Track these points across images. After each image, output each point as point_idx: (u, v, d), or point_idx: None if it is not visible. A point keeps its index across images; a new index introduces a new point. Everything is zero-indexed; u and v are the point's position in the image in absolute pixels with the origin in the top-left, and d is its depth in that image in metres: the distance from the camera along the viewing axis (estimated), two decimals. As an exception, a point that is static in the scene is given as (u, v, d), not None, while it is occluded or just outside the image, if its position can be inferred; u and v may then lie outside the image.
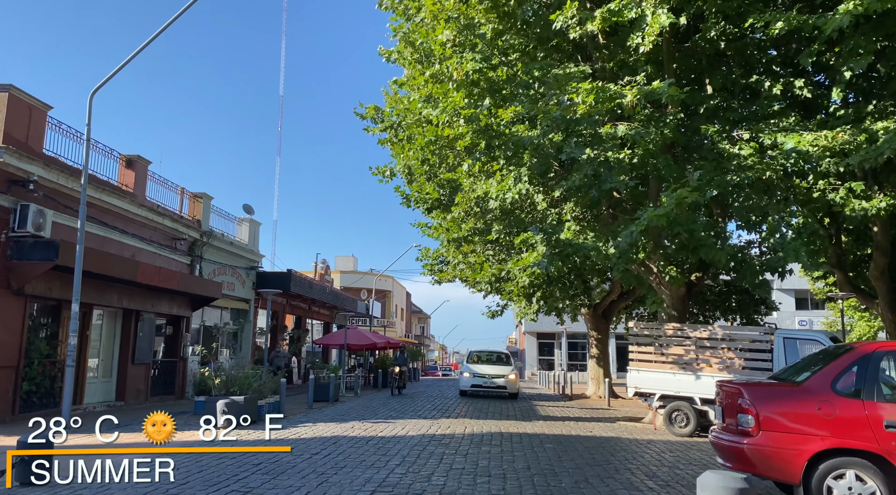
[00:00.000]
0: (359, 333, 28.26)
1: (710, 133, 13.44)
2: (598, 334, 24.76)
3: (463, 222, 15.22)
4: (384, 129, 16.86)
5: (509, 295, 20.23)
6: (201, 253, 22.24)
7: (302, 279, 28.53)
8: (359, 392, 23.86)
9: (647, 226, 11.59)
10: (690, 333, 13.82)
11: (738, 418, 6.71)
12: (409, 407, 18.34)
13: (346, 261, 57.48)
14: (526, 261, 13.19)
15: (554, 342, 51.29)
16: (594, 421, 15.68)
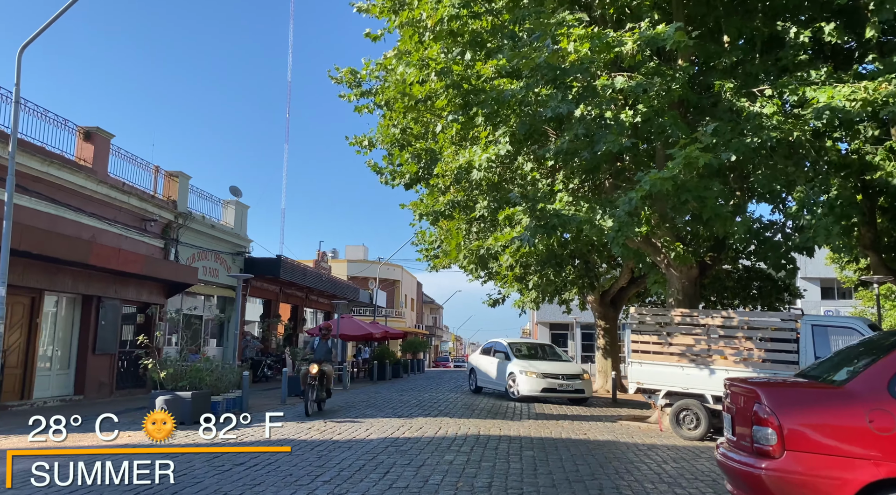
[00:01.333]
0: (353, 323, 26.54)
1: (726, 89, 11.37)
2: (605, 323, 22.73)
3: (442, 195, 13.33)
4: (361, 95, 14.98)
5: (501, 278, 18.29)
6: (177, 236, 20.60)
7: (294, 266, 26.86)
8: (348, 385, 22.12)
9: (649, 191, 9.61)
10: (701, 320, 11.80)
11: (754, 432, 4.77)
12: (391, 402, 16.55)
13: (356, 251, 55.87)
14: (507, 236, 11.30)
15: (567, 333, 49.25)
16: (592, 420, 13.75)
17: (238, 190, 25.27)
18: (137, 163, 19.04)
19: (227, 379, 13.90)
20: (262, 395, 17.90)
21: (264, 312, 28.09)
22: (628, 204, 9.83)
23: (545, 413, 15.00)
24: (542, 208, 10.61)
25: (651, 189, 9.58)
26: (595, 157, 11.07)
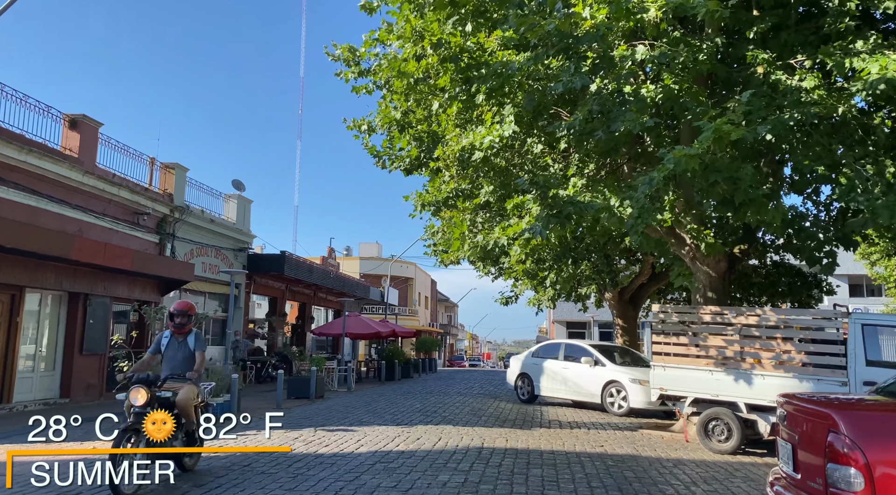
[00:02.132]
0: (360, 321, 25.42)
1: (760, 61, 10.02)
2: (624, 322, 21.36)
3: (444, 182, 12.08)
4: (359, 74, 13.79)
5: (511, 273, 16.96)
6: (173, 230, 19.58)
7: (300, 262, 25.79)
8: (352, 386, 20.99)
9: (673, 171, 8.31)
10: (733, 319, 10.45)
11: (830, 472, 3.50)
12: (394, 406, 15.37)
13: (369, 248, 54.85)
14: (516, 227, 10.06)
15: (584, 331, 47.83)
16: (610, 429, 12.46)
17: (241, 183, 24.27)
18: (130, 154, 18.04)
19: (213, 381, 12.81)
20: (260, 398, 16.81)
21: (270, 310, 27.08)
22: (649, 185, 8.53)
23: (558, 419, 13.73)
24: (555, 195, 9.34)
25: (675, 168, 8.27)
26: (612, 138, 9.79)
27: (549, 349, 17.23)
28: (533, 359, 17.06)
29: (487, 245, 10.59)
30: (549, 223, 9.07)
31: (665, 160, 8.32)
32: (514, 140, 10.51)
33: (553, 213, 9.17)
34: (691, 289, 12.23)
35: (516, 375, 17.46)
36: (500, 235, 10.15)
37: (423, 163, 13.19)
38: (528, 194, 9.54)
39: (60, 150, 15.29)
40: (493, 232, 10.93)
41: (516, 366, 17.65)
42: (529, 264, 14.90)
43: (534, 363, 16.88)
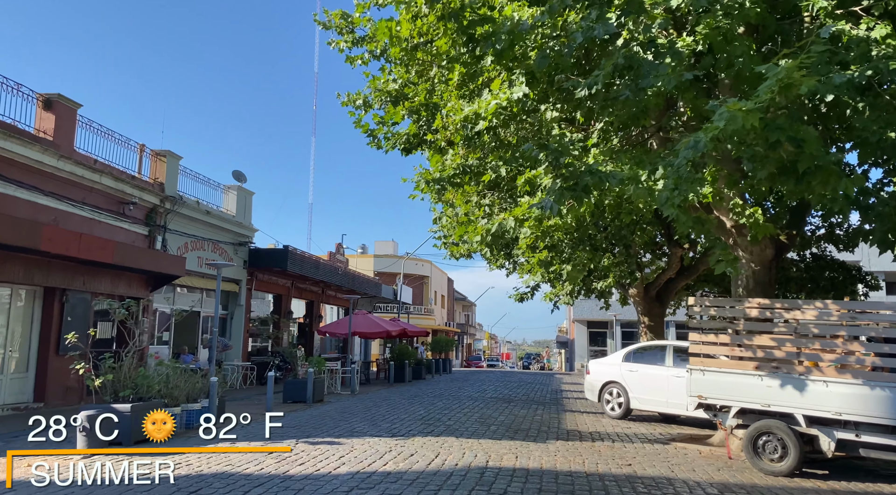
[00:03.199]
0: (368, 319, 23.89)
1: (819, 8, 8.28)
2: (650, 321, 19.58)
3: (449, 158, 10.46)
4: (354, 43, 12.24)
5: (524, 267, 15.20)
6: (165, 222, 18.20)
7: (305, 258, 24.33)
8: (356, 389, 19.46)
9: (725, 129, 6.61)
10: (787, 314, 8.71)
11: None
12: (394, 412, 13.80)
13: (385, 246, 53.38)
14: (525, 206, 8.45)
15: (606, 331, 45.91)
16: (637, 441, 10.76)
17: (242, 174, 22.87)
18: (115, 140, 16.67)
19: (188, 386, 11.36)
20: (254, 402, 15.34)
21: (275, 308, 25.67)
22: (694, 149, 6.83)
23: (577, 429, 12.05)
24: (570, 163, 7.69)
25: (728, 126, 6.58)
26: (640, 100, 8.14)
27: (650, 353, 13.94)
28: (627, 365, 13.83)
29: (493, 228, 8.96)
30: (563, 197, 7.42)
31: (715, 117, 6.62)
32: (525, 106, 8.86)
33: (568, 186, 7.51)
34: (734, 276, 10.48)
35: (602, 384, 14.26)
36: (507, 216, 8.53)
37: (422, 140, 11.59)
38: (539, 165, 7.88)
39: (33, 133, 13.94)
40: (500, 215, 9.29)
41: (601, 373, 14.47)
42: (544, 254, 13.18)
43: (629, 370, 13.69)
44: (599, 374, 14.56)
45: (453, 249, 19.62)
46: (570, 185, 7.65)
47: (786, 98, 6.74)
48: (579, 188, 7.57)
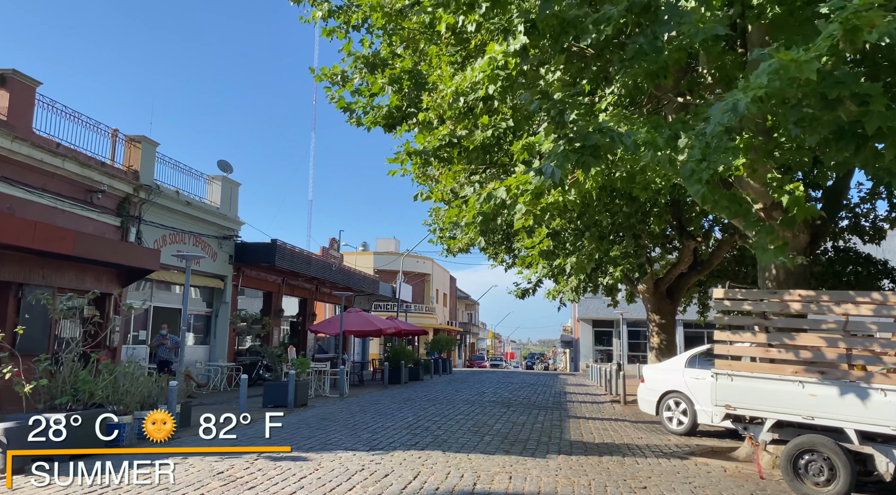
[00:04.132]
0: (360, 317, 22.50)
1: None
2: (660, 318, 18.11)
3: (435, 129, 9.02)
4: (330, 14, 10.83)
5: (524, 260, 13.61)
6: (139, 212, 16.86)
7: (295, 253, 22.94)
8: (345, 391, 18.07)
9: (771, 85, 5.17)
10: (836, 308, 7.25)
11: None
12: (379, 419, 12.40)
13: (386, 244, 52.02)
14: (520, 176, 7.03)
15: (612, 330, 44.39)
16: (651, 455, 9.32)
17: (228, 164, 21.51)
18: (83, 123, 15.32)
19: (142, 391, 9.98)
20: (228, 407, 13.96)
21: (264, 306, 24.30)
22: (732, 112, 5.38)
23: (582, 440, 10.61)
24: (576, 121, 6.27)
25: (775, 82, 5.13)
26: (660, 55, 6.72)
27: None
28: (692, 371, 11.63)
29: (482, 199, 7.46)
30: (566, 160, 5.99)
31: (759, 71, 5.17)
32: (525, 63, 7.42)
33: (573, 148, 6.09)
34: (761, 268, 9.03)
35: (661, 394, 12.06)
36: (498, 186, 7.09)
37: (406, 114, 10.16)
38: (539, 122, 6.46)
39: (-17, 111, 12.61)
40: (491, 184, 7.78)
41: (660, 381, 12.28)
42: (545, 243, 11.68)
43: (695, 377, 11.44)
44: (657, 382, 12.37)
45: (450, 243, 18.22)
46: (575, 148, 6.21)
47: (852, 45, 5.28)
48: (587, 151, 6.14)
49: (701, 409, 11.17)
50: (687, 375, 11.71)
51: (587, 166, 6.18)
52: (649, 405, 12.46)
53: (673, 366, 12.32)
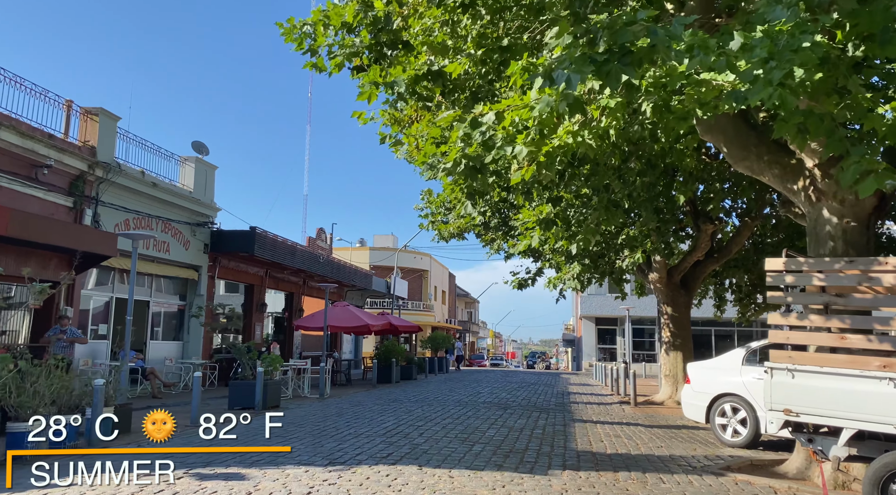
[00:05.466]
0: (347, 311, 20.67)
1: None
2: (673, 311, 16.27)
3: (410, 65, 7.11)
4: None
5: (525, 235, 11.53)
6: (96, 193, 15.04)
7: (277, 242, 21.10)
8: (326, 392, 16.22)
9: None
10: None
11: None
12: (353, 425, 10.57)
13: (384, 240, 50.21)
14: (517, 100, 5.18)
15: (616, 328, 42.50)
16: (680, 471, 7.45)
17: (203, 145, 19.67)
18: (29, 90, 13.51)
19: (53, 392, 8.15)
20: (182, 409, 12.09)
21: (246, 300, 22.45)
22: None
23: (591, 450, 8.73)
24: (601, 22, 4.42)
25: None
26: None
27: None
28: (752, 370, 9.32)
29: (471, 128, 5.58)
30: (586, 66, 4.16)
31: None
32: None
33: (595, 52, 4.24)
34: (813, 238, 7.15)
35: (713, 397, 9.79)
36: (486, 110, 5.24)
37: (383, 54, 8.26)
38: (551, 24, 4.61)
39: None
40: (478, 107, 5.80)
41: (710, 382, 10.04)
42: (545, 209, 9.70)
43: (756, 377, 8.83)
44: (708, 383, 10.07)
45: (441, 227, 16.43)
46: (598, 52, 4.35)
47: None
48: (614, 56, 4.28)
49: (765, 416, 8.97)
50: (746, 374, 9.41)
51: (614, 78, 4.31)
52: (697, 410, 10.14)
53: (728, 364, 10.00)
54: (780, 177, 7.99)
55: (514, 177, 5.65)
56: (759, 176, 8.35)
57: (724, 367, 9.96)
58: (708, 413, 9.81)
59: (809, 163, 7.45)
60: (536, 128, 5.08)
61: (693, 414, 10.24)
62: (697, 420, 10.16)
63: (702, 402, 9.92)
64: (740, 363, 9.67)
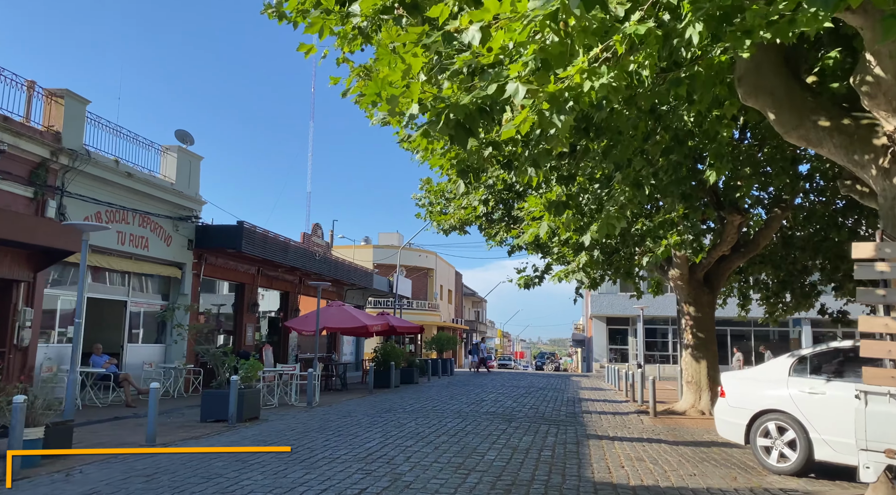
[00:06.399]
0: (343, 311, 19.19)
1: None
2: (696, 311, 14.66)
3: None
4: None
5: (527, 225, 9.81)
6: (62, 183, 13.64)
7: (268, 238, 19.65)
8: (315, 399, 14.75)
9: None
10: None
11: None
12: (334, 441, 9.08)
13: (389, 238, 48.76)
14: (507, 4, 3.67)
15: (627, 328, 40.86)
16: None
17: (187, 135, 18.27)
18: (-19, 68, 12.12)
19: None
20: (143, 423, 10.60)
21: (237, 300, 21.03)
22: None
23: (612, 482, 7.16)
24: None
25: None
26: None
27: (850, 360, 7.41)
28: (802, 381, 7.74)
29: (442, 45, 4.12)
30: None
31: None
32: None
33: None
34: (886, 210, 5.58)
35: (753, 414, 8.12)
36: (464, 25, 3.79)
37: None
38: None
39: None
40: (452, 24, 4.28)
41: (750, 396, 8.32)
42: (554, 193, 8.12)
43: (809, 390, 7.56)
44: (746, 397, 8.37)
45: (438, 219, 14.93)
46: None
47: None
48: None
49: (821, 438, 7.30)
50: (794, 387, 7.78)
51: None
52: (734, 429, 8.45)
53: (771, 374, 8.29)
54: (843, 147, 6.43)
55: (507, 129, 4.14)
56: (816, 147, 6.79)
57: (767, 378, 8.30)
58: (748, 432, 8.17)
59: (888, 126, 5.89)
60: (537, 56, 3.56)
61: (729, 432, 8.63)
62: (734, 440, 8.56)
63: (740, 420, 8.28)
64: (787, 373, 8.04)
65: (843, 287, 16.18)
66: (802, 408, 7.59)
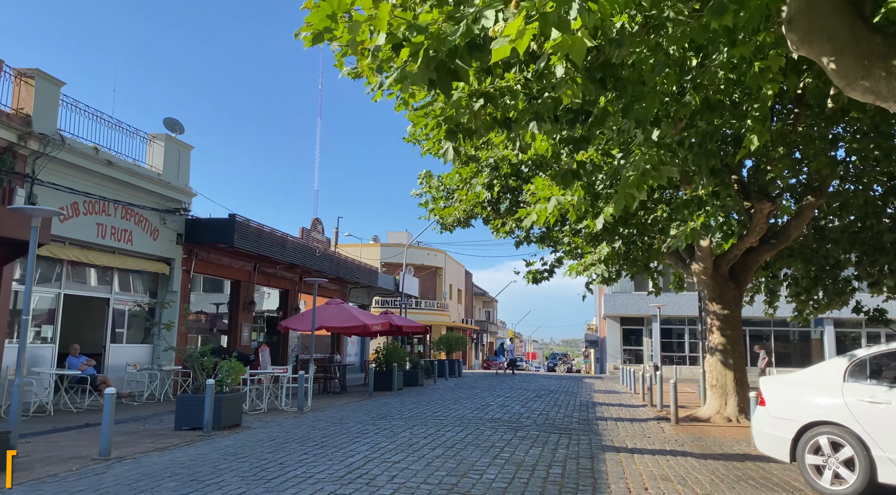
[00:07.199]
0: (342, 310, 18.01)
1: None
2: (721, 308, 13.30)
3: None
4: None
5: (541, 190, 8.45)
6: (33, 170, 12.59)
7: (263, 232, 18.55)
8: (307, 404, 13.58)
9: None
10: None
11: None
12: (314, 455, 7.90)
13: (398, 237, 47.60)
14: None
15: (642, 329, 39.43)
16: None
17: (177, 123, 17.20)
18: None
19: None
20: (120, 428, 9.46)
21: (232, 298, 19.95)
22: None
23: (636, 507, 5.92)
24: None
25: None
26: None
27: None
28: (861, 388, 6.48)
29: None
30: None
31: None
32: None
33: None
34: None
35: (801, 427, 6.78)
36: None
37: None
38: None
39: None
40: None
41: (797, 404, 7.02)
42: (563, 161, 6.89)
43: (869, 398, 6.30)
44: (791, 407, 7.06)
45: (441, 213, 13.73)
46: None
47: None
48: None
49: (884, 456, 6.02)
50: (851, 395, 6.47)
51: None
52: (777, 444, 7.06)
53: (822, 379, 6.96)
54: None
55: (499, 46, 2.94)
56: (886, 101, 5.51)
57: (817, 384, 6.99)
58: (793, 448, 6.87)
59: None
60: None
61: (770, 448, 7.32)
62: (777, 457, 7.24)
63: (784, 433, 6.96)
64: (841, 378, 6.72)
65: (881, 282, 14.83)
66: (861, 420, 6.28)
